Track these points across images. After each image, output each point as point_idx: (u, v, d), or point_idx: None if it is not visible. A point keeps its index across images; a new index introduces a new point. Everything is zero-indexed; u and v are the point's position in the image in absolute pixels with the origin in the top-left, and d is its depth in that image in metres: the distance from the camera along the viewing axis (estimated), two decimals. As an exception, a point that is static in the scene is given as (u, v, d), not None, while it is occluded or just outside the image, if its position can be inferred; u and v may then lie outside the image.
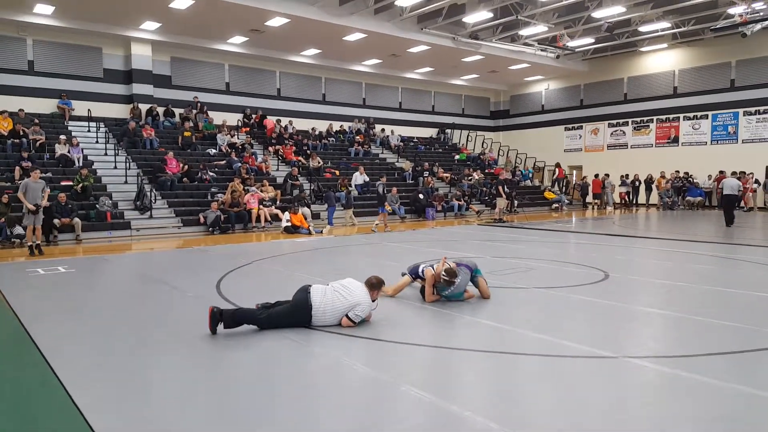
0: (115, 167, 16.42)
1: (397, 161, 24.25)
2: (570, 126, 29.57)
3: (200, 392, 3.66)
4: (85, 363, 4.22)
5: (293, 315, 4.99)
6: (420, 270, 6.13)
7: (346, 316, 4.98)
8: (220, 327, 4.81)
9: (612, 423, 3.14)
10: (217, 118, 21.52)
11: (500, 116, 32.95)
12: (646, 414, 3.28)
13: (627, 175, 25.15)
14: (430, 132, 29.70)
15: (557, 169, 27.24)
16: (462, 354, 4.40)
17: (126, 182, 15.80)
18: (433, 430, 3.08)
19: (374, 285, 5.22)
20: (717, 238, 12.90)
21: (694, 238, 12.55)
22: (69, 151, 15.97)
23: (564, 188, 26.58)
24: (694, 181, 23.97)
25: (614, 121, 27.73)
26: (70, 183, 14.37)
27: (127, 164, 16.33)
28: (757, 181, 22.34)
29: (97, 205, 13.78)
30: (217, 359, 4.34)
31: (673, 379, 3.79)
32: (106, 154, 17.09)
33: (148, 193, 14.84)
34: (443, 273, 5.76)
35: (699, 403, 3.37)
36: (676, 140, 25.60)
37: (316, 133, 23.88)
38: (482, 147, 29.46)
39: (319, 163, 20.32)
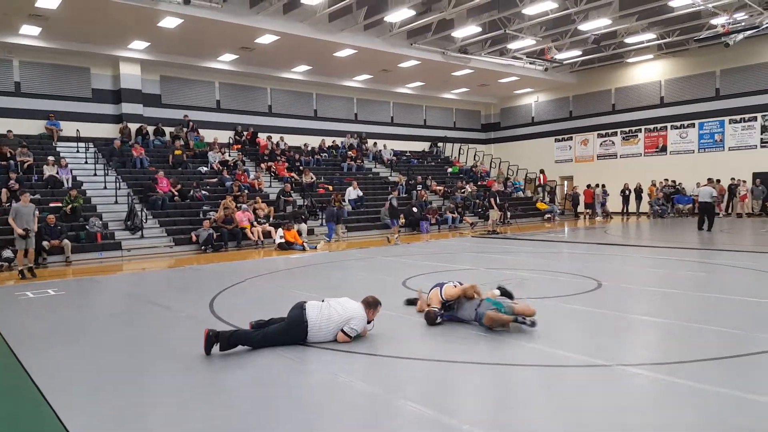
0: (105, 187, 16.36)
1: (390, 175, 24.34)
2: (560, 137, 29.84)
3: (196, 412, 3.62)
4: (77, 387, 4.17)
5: (288, 332, 4.95)
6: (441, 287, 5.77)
7: (342, 330, 4.95)
8: (216, 348, 4.76)
9: (606, 429, 3.13)
10: (208, 135, 21.54)
11: (491, 129, 33.20)
12: (643, 421, 3.27)
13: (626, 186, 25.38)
14: (423, 146, 29.86)
15: (541, 176, 27.58)
16: (458, 367, 4.38)
17: (116, 202, 15.73)
18: (429, 444, 3.06)
19: (371, 304, 5.16)
20: (705, 245, 13.00)
21: (683, 245, 12.64)
22: (57, 172, 15.90)
23: (550, 195, 26.69)
24: (682, 188, 24.20)
25: (603, 132, 28.01)
26: (59, 204, 14.28)
27: (117, 184, 16.27)
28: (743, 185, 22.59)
29: (87, 226, 13.70)
30: (212, 379, 4.30)
31: (668, 386, 3.80)
32: (95, 175, 17.03)
33: (139, 213, 14.78)
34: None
35: (694, 410, 3.38)
36: (664, 149, 25.87)
37: (309, 148, 23.94)
38: (474, 159, 29.65)
39: (312, 178, 20.34)
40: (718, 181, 21.86)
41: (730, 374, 4.00)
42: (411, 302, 6.52)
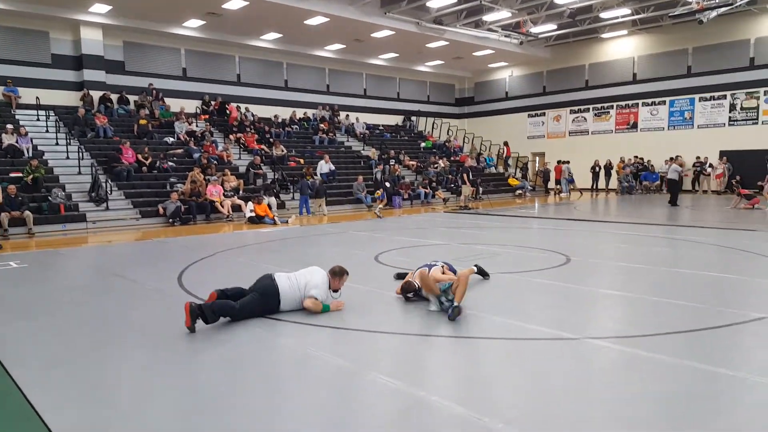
0: (68, 157, 15.78)
1: (363, 149, 24.12)
2: (533, 113, 29.96)
3: (164, 387, 3.54)
4: (41, 361, 4.04)
5: (263, 302, 4.98)
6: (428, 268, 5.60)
7: (309, 296, 5.02)
8: (201, 324, 4.61)
9: (575, 403, 3.18)
10: (174, 105, 20.89)
11: (465, 103, 33.12)
12: (608, 393, 3.33)
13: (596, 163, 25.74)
14: (396, 119, 29.62)
15: (505, 148, 27.83)
16: (429, 340, 4.39)
17: (79, 173, 15.22)
18: (401, 416, 3.06)
19: (336, 273, 5.25)
20: (671, 221, 13.31)
21: (649, 221, 12.92)
22: (17, 141, 15.26)
23: (523, 171, 26.87)
24: (650, 165, 24.68)
25: (576, 108, 28.22)
26: (20, 174, 13.74)
27: (80, 154, 15.70)
28: (711, 165, 23.15)
29: (49, 197, 13.25)
30: (179, 353, 4.21)
31: (633, 358, 3.87)
32: (57, 144, 16.40)
33: (104, 184, 14.34)
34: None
35: (658, 381, 3.45)
36: (635, 126, 26.24)
37: (279, 120, 23.49)
38: (448, 134, 29.58)
39: (282, 151, 20.00)
40: (677, 157, 22.28)
41: (693, 347, 4.10)
42: (400, 276, 6.43)
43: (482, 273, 6.41)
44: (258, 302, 4.97)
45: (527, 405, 3.17)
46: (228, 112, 22.03)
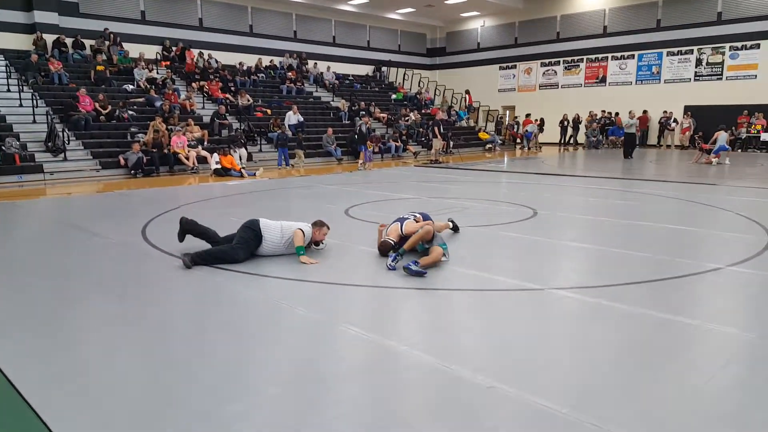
0: (21, 105, 14.98)
1: (333, 100, 23.63)
2: (504, 65, 29.75)
3: (131, 341, 3.50)
4: (0, 318, 3.93)
5: (248, 237, 5.26)
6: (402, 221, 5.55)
7: (299, 228, 5.35)
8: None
9: (539, 350, 3.28)
10: (132, 50, 19.89)
11: (437, 54, 32.60)
12: (571, 340, 3.45)
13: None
14: (366, 69, 29.01)
15: (467, 96, 27.87)
16: (398, 292, 4.43)
17: (34, 121, 14.50)
18: (371, 365, 3.10)
19: (316, 224, 5.58)
20: (635, 175, 13.61)
21: (614, 176, 13.18)
22: (-35, 87, 14.41)
23: (497, 125, 26.89)
24: (617, 120, 24.95)
25: (546, 61, 28.12)
26: (-30, 122, 13.05)
27: (34, 102, 14.93)
28: (675, 120, 23.58)
29: (3, 147, 12.64)
30: (146, 307, 4.15)
31: (595, 307, 4.00)
32: (8, 91, 15.52)
33: (60, 134, 13.74)
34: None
35: (620, 329, 3.57)
36: (603, 80, 26.37)
37: (244, 68, 22.70)
38: (419, 86, 29.19)
39: (248, 101, 19.39)
40: (630, 111, 22.65)
41: (654, 296, 4.25)
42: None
43: (455, 228, 6.46)
44: (243, 236, 5.25)
45: (494, 353, 3.25)
46: (188, 59, 21.08)
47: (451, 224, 6.41)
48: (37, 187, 11.75)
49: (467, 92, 27.93)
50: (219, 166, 13.74)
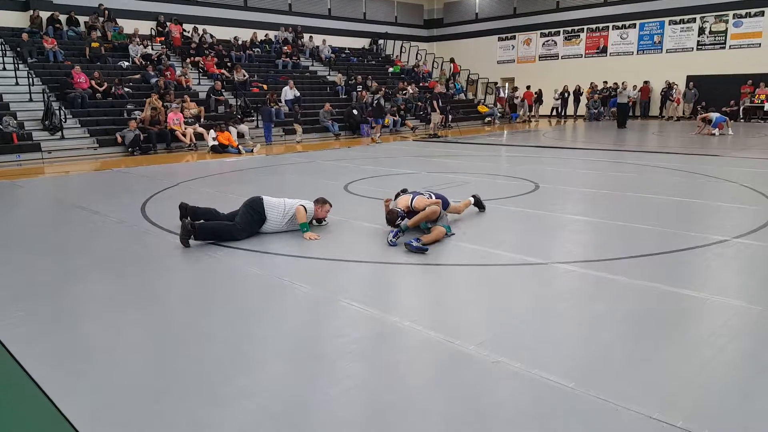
0: (17, 83, 14.77)
1: (329, 74, 23.32)
2: (503, 36, 29.28)
3: (133, 318, 3.48)
4: (2, 294, 3.90)
5: (250, 215, 5.22)
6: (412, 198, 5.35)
7: (301, 204, 5.33)
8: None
9: (543, 324, 3.27)
10: (127, 26, 19.56)
11: (434, 25, 32.08)
12: (575, 314, 3.43)
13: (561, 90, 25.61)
14: (363, 42, 28.56)
15: (452, 65, 27.70)
16: (400, 268, 4.41)
17: (31, 100, 14.32)
18: (374, 341, 3.09)
19: (319, 200, 5.54)
20: (636, 146, 13.51)
21: (616, 147, 13.08)
22: (-42, 65, 14.18)
23: (484, 94, 26.67)
24: (619, 91, 24.65)
25: (546, 31, 27.68)
26: (-36, 101, 12.88)
27: (30, 79, 14.72)
28: (677, 90, 23.32)
29: (0, 126, 12.50)
30: (147, 284, 4.13)
31: (599, 281, 3.97)
32: (4, 69, 15.28)
33: (57, 112, 13.57)
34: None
35: (625, 303, 3.55)
36: (604, 50, 26.00)
37: (239, 42, 22.33)
38: (416, 59, 28.79)
39: (244, 76, 19.12)
40: (623, 82, 22.58)
41: (659, 269, 4.22)
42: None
43: (479, 204, 6.22)
44: (246, 214, 5.21)
45: (497, 328, 3.24)
46: (176, 32, 20.45)
47: (472, 200, 6.15)
48: (35, 165, 11.66)
49: (452, 60, 27.62)
50: (216, 143, 13.61)
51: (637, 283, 3.86)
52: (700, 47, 23.30)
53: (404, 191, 5.63)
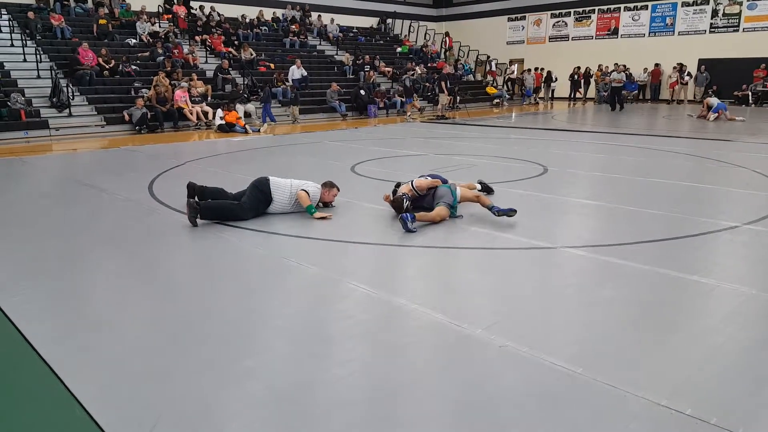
0: (25, 60, 14.70)
1: (336, 54, 23.08)
2: (513, 16, 28.83)
3: (140, 296, 3.50)
4: (10, 271, 3.92)
5: (256, 196, 5.21)
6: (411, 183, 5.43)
7: (302, 189, 5.26)
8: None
9: (551, 309, 3.25)
10: (134, 3, 19.38)
11: (443, 5, 31.59)
12: (583, 299, 3.41)
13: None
14: (371, 21, 28.19)
15: (447, 39, 27.65)
16: (408, 250, 4.40)
17: (38, 77, 14.27)
18: (381, 323, 3.09)
19: (326, 184, 5.51)
20: (645, 130, 13.35)
21: (626, 131, 12.93)
22: (-35, 41, 14.12)
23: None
24: (629, 74, 24.31)
25: (557, 12, 27.21)
26: (-28, 77, 12.85)
27: (38, 56, 14.66)
28: (689, 74, 22.96)
29: (8, 103, 12.49)
30: (154, 263, 4.14)
31: (607, 266, 3.95)
32: (12, 45, 15.21)
33: (65, 89, 13.54)
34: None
35: (634, 289, 3.53)
36: (615, 32, 25.55)
37: (247, 20, 22.10)
38: (425, 39, 28.41)
39: (251, 55, 18.96)
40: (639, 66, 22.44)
41: (668, 255, 4.19)
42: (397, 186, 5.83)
43: (486, 189, 6.16)
44: (252, 195, 5.20)
45: (504, 311, 3.23)
46: (181, 13, 20.17)
47: (479, 186, 6.09)
48: (43, 143, 11.68)
49: (446, 34, 27.39)
50: (223, 122, 13.56)
51: (645, 268, 3.83)
52: (713, 30, 22.86)
53: (398, 185, 5.56)
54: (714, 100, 16.23)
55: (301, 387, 2.44)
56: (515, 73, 26.07)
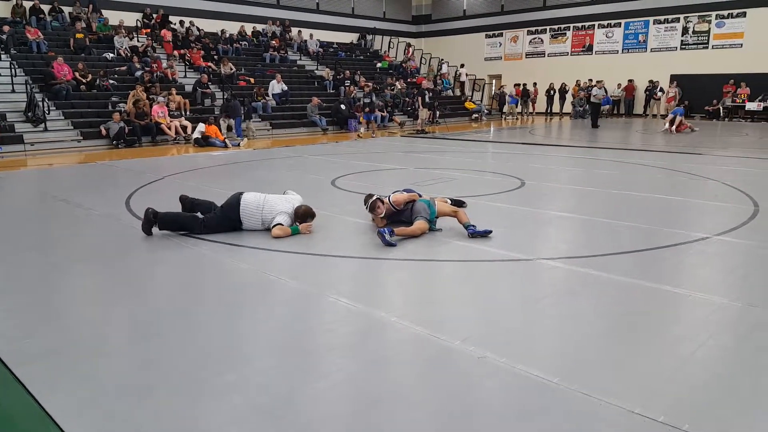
0: (-1, 74, 14.52)
1: (317, 69, 23.21)
2: (491, 33, 29.37)
3: (120, 312, 3.46)
4: (-21, 291, 3.85)
5: (224, 216, 5.16)
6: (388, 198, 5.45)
7: (274, 225, 5.05)
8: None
9: (529, 320, 3.31)
10: (112, 18, 19.27)
11: (422, 21, 32.07)
12: (559, 310, 3.47)
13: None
14: (351, 37, 28.44)
15: (407, 49, 28.25)
16: (386, 263, 4.43)
17: (13, 91, 14.07)
18: (361, 336, 3.11)
19: (300, 215, 5.21)
20: (620, 144, 13.65)
21: (601, 145, 13.21)
22: (-64, 55, 13.87)
23: (471, 90, 26.77)
24: (603, 89, 24.86)
25: (533, 29, 27.80)
26: (-57, 91, 12.61)
27: (13, 70, 14.46)
28: (661, 89, 23.57)
29: (-20, 117, 12.29)
30: (132, 278, 4.10)
31: (584, 277, 4.03)
32: (-15, 59, 15.00)
33: (40, 103, 13.36)
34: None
35: (609, 299, 3.61)
36: (590, 49, 26.19)
37: (227, 35, 22.12)
38: (405, 54, 28.73)
39: (231, 69, 18.95)
40: (599, 81, 22.74)
41: (643, 266, 4.29)
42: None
43: (457, 203, 6.05)
44: (219, 216, 5.16)
45: (484, 323, 3.27)
46: (167, 37, 20.08)
47: (449, 201, 6.17)
48: (17, 158, 11.47)
49: (408, 45, 27.94)
50: (199, 136, 13.49)
51: (620, 279, 3.92)
52: (683, 47, 23.58)
53: (370, 196, 5.47)
54: (676, 110, 17.02)
55: (283, 400, 2.45)
56: (499, 88, 26.43)
